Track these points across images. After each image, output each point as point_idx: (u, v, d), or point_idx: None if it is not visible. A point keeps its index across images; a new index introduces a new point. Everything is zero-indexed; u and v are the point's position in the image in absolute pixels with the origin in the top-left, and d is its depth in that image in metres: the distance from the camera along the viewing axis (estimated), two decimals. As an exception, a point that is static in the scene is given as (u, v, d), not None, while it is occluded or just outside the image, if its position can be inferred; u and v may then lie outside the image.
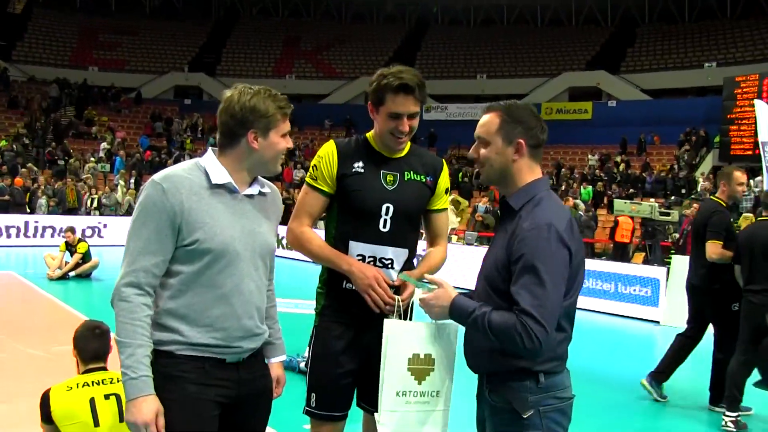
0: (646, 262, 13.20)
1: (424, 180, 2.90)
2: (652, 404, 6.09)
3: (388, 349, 2.42)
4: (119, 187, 23.03)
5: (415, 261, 2.99)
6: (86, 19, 38.57)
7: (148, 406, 2.22)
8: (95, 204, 21.65)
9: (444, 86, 35.20)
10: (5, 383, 5.94)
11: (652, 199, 18.42)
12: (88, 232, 18.73)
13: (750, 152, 23.80)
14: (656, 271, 10.77)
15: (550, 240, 2.18)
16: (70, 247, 12.48)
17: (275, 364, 2.63)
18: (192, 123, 32.74)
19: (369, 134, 2.93)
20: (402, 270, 2.84)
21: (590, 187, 23.23)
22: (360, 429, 3.03)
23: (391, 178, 2.84)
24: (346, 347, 2.81)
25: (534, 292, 2.14)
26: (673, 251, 11.54)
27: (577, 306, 2.33)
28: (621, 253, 15.74)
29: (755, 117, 20.57)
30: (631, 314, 10.64)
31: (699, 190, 21.24)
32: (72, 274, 12.19)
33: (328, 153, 2.87)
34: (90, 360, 3.48)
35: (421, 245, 3.05)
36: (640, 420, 5.93)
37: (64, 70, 34.70)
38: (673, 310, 9.94)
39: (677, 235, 13.46)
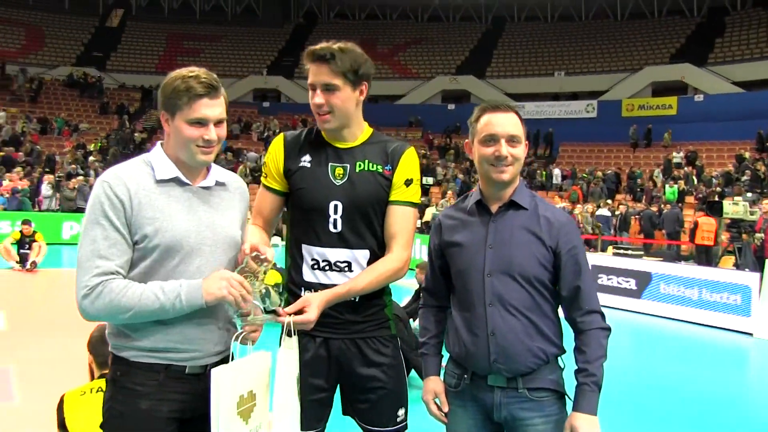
0: (736, 266, 12.53)
1: (380, 170, 2.51)
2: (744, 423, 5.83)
3: (219, 399, 2.05)
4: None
5: None
6: (173, 29, 40.50)
7: (209, 281, 2.08)
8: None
9: (521, 84, 34.78)
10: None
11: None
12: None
13: None
14: (747, 277, 10.12)
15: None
16: (24, 238, 13.25)
17: None
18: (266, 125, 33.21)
19: None
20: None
21: (675, 186, 22.37)
22: None
23: (341, 171, 2.50)
24: (312, 359, 2.48)
25: (592, 288, 2.35)
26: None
27: (657, 314, 2.40)
28: (705, 257, 15.00)
29: None
30: (718, 324, 10.09)
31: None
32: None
33: (274, 148, 2.59)
34: (105, 365, 3.24)
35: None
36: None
37: (151, 77, 36.33)
38: None
39: (763, 236, 12.67)
